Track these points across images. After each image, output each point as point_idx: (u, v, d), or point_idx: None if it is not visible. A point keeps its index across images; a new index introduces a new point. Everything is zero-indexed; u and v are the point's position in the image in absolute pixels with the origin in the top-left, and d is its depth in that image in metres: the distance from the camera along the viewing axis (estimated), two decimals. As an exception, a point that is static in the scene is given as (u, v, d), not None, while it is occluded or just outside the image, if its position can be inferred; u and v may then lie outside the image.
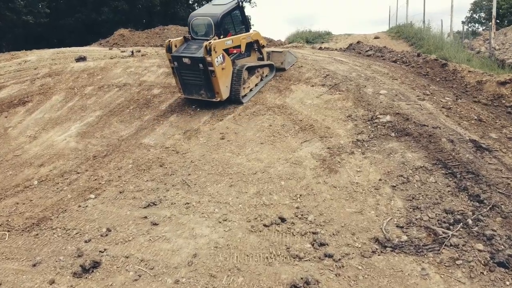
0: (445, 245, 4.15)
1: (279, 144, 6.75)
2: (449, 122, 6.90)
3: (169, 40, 8.18)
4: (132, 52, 13.56)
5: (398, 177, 5.39)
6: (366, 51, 13.42)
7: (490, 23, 16.47)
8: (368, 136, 6.42)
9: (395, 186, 5.22)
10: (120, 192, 5.84)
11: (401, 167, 5.58)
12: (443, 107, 7.59)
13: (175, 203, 5.38)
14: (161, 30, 19.04)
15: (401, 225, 4.52)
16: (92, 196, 5.85)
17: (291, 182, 5.59)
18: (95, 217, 5.33)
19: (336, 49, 15.04)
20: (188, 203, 5.33)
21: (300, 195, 5.25)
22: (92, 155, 7.17)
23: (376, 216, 4.73)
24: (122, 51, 14.53)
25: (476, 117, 7.22)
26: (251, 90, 8.76)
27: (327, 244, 4.30)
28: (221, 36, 8.05)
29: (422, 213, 4.68)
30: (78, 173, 6.65)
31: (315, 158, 6.10)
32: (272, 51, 9.94)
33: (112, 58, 12.51)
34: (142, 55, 13.35)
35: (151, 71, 11.02)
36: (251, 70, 8.84)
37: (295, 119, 7.54)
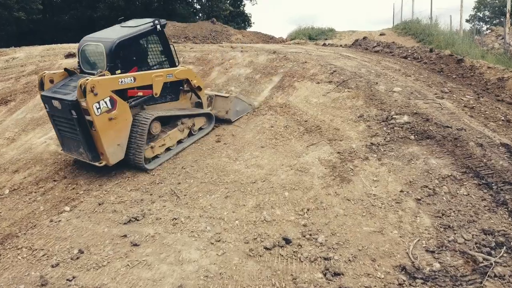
0: (488, 276, 3.36)
1: (282, 148, 5.96)
2: (474, 123, 6.09)
3: (44, 73, 5.79)
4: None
5: (423, 188, 4.59)
6: (374, 47, 12.62)
7: (504, 18, 15.64)
8: (384, 139, 5.62)
9: (420, 200, 4.42)
10: (99, 204, 5.05)
11: (425, 176, 4.79)
12: (465, 106, 6.78)
13: (160, 219, 4.59)
14: (158, 26, 18.22)
15: (431, 249, 3.73)
16: (67, 208, 5.07)
17: (297, 193, 4.80)
18: (68, 234, 4.54)
19: (341, 45, 14.24)
20: (175, 219, 4.54)
21: (308, 210, 4.46)
22: (72, 160, 6.39)
23: (400, 236, 3.94)
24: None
25: (503, 118, 6.41)
26: (168, 149, 6.16)
27: (342, 274, 3.51)
28: (118, 71, 5.61)
29: (455, 233, 3.88)
30: (55, 180, 5.87)
31: (324, 165, 5.31)
32: (216, 95, 7.39)
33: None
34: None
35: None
36: (169, 121, 6.31)
37: (300, 119, 6.75)
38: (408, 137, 5.60)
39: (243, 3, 34.20)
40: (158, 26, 6.20)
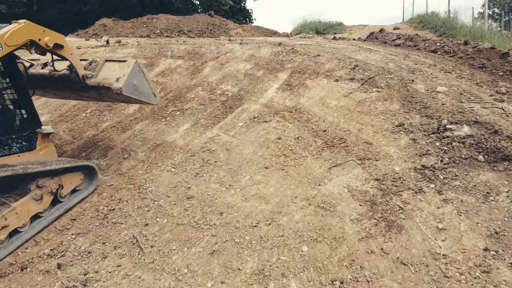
0: None
1: (294, 170, 4.29)
2: (560, 135, 4.41)
3: None
4: (107, 41, 11.13)
5: (521, 244, 2.92)
6: (393, 40, 10.93)
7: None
8: (441, 161, 3.94)
9: (522, 267, 2.75)
10: (22, 269, 3.40)
11: (519, 222, 3.11)
12: (535, 111, 5.10)
13: (108, 291, 2.93)
14: (149, 19, 16.61)
15: None
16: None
17: (321, 249, 3.13)
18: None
19: (354, 39, 12.55)
20: (131, 293, 2.88)
21: (342, 282, 2.79)
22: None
23: None
24: (98, 41, 12.11)
25: None
26: (15, 232, 3.67)
27: None
28: None
29: None
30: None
31: (358, 199, 3.64)
32: (107, 60, 4.71)
33: (79, 48, 10.06)
34: (119, 45, 10.90)
35: (123, 63, 8.56)
36: (13, 184, 3.81)
37: (316, 128, 5.08)
38: (476, 158, 3.92)
39: (244, -2, 32.48)
40: None
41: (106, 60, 4.66)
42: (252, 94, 6.49)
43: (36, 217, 3.84)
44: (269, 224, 3.48)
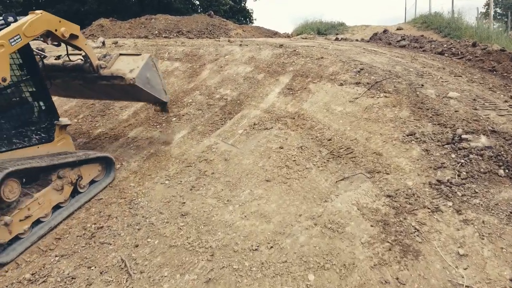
0: None
1: (298, 184, 3.97)
2: None
3: None
4: (103, 42, 10.82)
5: (555, 275, 2.60)
6: (398, 41, 10.60)
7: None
8: (458, 175, 3.62)
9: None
10: None
11: (551, 248, 2.79)
12: (555, 118, 4.78)
13: (90, 327, 2.61)
14: (148, 19, 16.29)
15: None
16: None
17: (330, 277, 2.81)
18: None
19: (357, 40, 12.21)
20: (115, 330, 2.56)
21: (353, 320, 2.47)
22: None
23: None
24: (94, 43, 11.80)
25: None
26: (38, 222, 3.70)
27: None
28: None
29: None
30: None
31: (368, 218, 3.32)
32: (121, 54, 4.79)
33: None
34: (116, 46, 10.60)
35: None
36: (35, 176, 3.85)
37: (320, 137, 4.77)
38: (496, 172, 3.60)
39: (244, -1, 32.14)
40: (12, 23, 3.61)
41: (120, 54, 4.77)
42: (252, 98, 6.17)
43: (56, 208, 3.90)
44: (271, 247, 3.16)
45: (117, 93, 5.00)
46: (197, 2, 29.96)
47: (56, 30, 3.89)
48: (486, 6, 47.92)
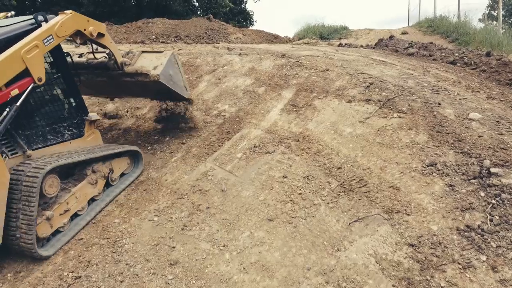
0: None
1: (305, 225, 3.47)
2: None
3: None
4: (97, 48, 10.30)
5: None
6: (406, 48, 10.09)
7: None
8: (489, 219, 3.12)
9: None
10: None
11: None
12: None
13: None
14: (145, 23, 15.80)
15: None
16: None
17: None
18: None
19: (361, 46, 11.71)
20: None
21: None
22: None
23: None
24: (88, 48, 11.29)
25: None
26: (75, 216, 3.88)
27: None
28: None
29: None
30: None
31: (389, 274, 2.82)
32: (143, 51, 4.92)
33: (65, 57, 9.22)
34: (109, 53, 10.06)
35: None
36: (71, 171, 4.03)
37: (328, 164, 4.27)
38: (536, 216, 3.10)
39: (244, 0, 31.62)
40: (44, 23, 3.76)
41: (143, 51, 4.91)
42: (252, 116, 5.68)
43: (91, 201, 4.09)
44: (275, 311, 2.66)
45: (139, 90, 5.15)
46: (196, 4, 29.47)
47: (85, 30, 4.00)
48: (489, 8, 47.54)
